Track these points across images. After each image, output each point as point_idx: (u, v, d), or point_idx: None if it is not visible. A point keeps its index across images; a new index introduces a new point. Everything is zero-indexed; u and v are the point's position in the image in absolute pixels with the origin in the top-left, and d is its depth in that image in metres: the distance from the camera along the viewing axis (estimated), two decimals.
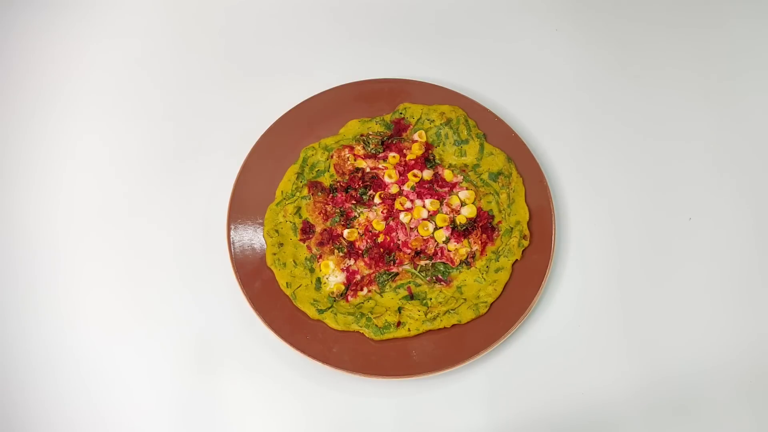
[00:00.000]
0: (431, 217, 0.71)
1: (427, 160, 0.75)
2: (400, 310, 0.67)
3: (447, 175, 0.74)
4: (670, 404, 0.66)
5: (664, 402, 0.66)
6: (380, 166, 0.74)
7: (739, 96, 0.82)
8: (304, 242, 0.71)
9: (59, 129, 0.79)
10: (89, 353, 0.67)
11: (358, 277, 0.69)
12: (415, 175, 0.73)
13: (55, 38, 0.85)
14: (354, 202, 0.72)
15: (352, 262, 0.69)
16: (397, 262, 0.69)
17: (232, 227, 0.70)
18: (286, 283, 0.68)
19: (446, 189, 0.73)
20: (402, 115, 0.77)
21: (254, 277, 0.68)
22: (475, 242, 0.70)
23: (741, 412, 0.66)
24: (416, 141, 0.75)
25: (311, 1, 0.88)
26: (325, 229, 0.71)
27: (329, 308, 0.67)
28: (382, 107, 0.78)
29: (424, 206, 0.72)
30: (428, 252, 0.70)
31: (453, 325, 0.66)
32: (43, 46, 0.84)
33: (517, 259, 0.69)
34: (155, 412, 0.65)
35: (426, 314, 0.67)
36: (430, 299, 0.68)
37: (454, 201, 0.72)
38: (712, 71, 0.84)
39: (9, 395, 0.66)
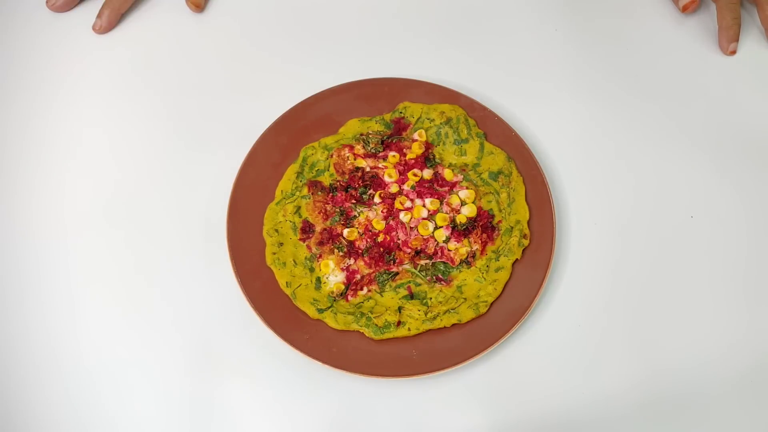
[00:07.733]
0: (431, 216, 0.71)
1: (427, 159, 0.74)
2: (400, 309, 0.67)
3: (447, 174, 0.73)
4: (670, 404, 0.66)
5: (664, 402, 0.66)
6: (380, 165, 0.74)
7: (739, 95, 0.82)
8: (303, 242, 0.70)
9: (57, 128, 0.79)
10: (87, 353, 0.67)
11: (358, 276, 0.69)
12: (415, 175, 0.73)
13: (55, 34, 0.85)
14: (354, 201, 0.72)
15: (352, 261, 0.69)
16: (397, 261, 0.69)
17: (232, 227, 0.70)
18: (286, 282, 0.68)
19: (446, 188, 0.73)
20: (402, 115, 0.77)
21: (254, 276, 0.68)
22: (475, 242, 0.70)
23: (741, 412, 0.66)
24: (416, 140, 0.75)
25: (311, 1, 0.88)
26: (324, 229, 0.71)
27: (329, 308, 0.67)
28: (382, 107, 0.78)
29: (424, 205, 0.71)
30: (428, 251, 0.70)
31: (453, 325, 0.66)
32: (44, 41, 0.84)
33: (517, 259, 0.69)
34: (154, 412, 0.65)
35: (426, 314, 0.66)
36: (430, 299, 0.68)
37: (454, 200, 0.72)
38: (713, 71, 0.83)
39: (7, 396, 0.66)
